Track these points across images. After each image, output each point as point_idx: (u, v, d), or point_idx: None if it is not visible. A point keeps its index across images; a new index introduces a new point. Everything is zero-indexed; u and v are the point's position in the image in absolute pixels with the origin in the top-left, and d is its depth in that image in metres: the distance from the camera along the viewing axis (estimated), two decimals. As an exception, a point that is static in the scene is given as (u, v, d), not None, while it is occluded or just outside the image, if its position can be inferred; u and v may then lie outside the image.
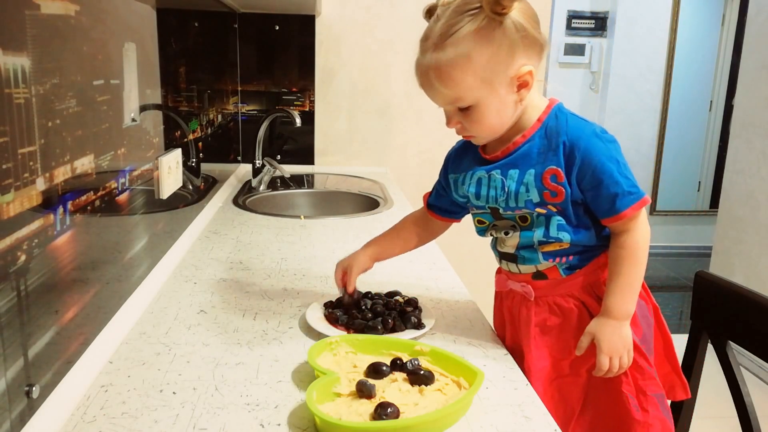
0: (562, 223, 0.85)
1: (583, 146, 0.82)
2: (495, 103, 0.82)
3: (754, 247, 2.83)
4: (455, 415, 0.72)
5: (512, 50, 0.80)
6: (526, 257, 0.89)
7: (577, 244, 0.86)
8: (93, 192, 0.86)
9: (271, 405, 0.74)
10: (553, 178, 0.83)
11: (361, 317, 0.95)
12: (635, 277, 0.85)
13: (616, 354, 0.83)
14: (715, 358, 1.02)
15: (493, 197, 0.88)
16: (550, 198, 0.84)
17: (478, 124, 0.84)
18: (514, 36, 0.79)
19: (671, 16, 4.38)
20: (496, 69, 0.80)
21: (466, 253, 1.74)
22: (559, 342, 0.90)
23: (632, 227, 0.85)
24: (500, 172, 0.87)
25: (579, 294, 0.89)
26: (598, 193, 0.83)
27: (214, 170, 1.84)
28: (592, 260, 0.89)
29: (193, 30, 1.60)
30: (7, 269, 0.62)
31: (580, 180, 0.83)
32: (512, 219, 0.89)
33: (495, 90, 0.81)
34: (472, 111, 0.83)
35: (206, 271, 1.23)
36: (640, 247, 0.85)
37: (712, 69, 4.56)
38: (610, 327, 0.84)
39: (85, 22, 0.82)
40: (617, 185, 0.82)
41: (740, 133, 2.98)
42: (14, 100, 0.62)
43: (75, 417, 0.71)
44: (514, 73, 0.81)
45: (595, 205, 0.85)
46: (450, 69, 0.79)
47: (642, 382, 0.87)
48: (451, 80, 0.80)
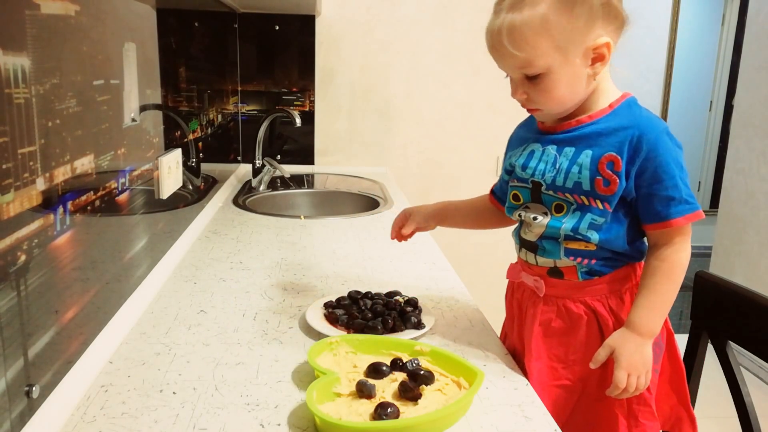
0: (596, 222, 0.81)
1: (653, 140, 0.78)
2: (567, 73, 0.78)
3: (754, 247, 2.83)
4: (455, 415, 0.72)
5: (592, 18, 0.76)
6: (547, 249, 0.85)
7: (604, 247, 0.82)
8: (93, 192, 0.86)
9: (271, 405, 0.74)
10: (609, 165, 0.79)
11: (361, 317, 0.95)
12: (669, 295, 0.80)
13: (635, 372, 0.79)
14: (715, 358, 1.02)
15: (540, 171, 0.83)
16: (602, 188, 0.79)
17: (546, 94, 0.79)
18: (595, 4, 0.75)
19: (671, 16, 4.39)
20: (573, 36, 0.76)
21: (466, 253, 1.74)
22: (560, 347, 0.86)
23: (677, 242, 0.80)
24: (555, 148, 0.83)
25: (591, 302, 0.85)
26: (655, 192, 0.78)
27: (214, 170, 1.84)
28: (614, 270, 0.84)
29: (193, 30, 1.60)
30: (7, 269, 0.62)
31: (640, 174, 0.78)
32: (549, 204, 0.84)
33: (569, 58, 0.77)
34: (541, 79, 0.78)
35: (206, 271, 1.23)
36: (680, 265, 0.80)
37: (712, 69, 4.57)
38: (633, 343, 0.79)
39: (85, 22, 0.82)
40: (676, 189, 0.78)
41: (740, 133, 2.98)
42: (14, 100, 0.62)
43: (75, 417, 0.71)
44: (591, 44, 0.77)
45: (647, 206, 0.80)
46: (525, 30, 0.75)
47: (636, 407, 0.84)
48: (525, 42, 0.75)
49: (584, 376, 0.86)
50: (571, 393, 0.87)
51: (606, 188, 0.79)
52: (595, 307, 0.85)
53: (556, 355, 0.86)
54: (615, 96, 0.83)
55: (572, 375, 0.86)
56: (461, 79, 2.36)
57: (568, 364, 0.86)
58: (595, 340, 0.85)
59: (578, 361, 0.86)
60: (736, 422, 0.98)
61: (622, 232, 0.82)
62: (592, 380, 0.86)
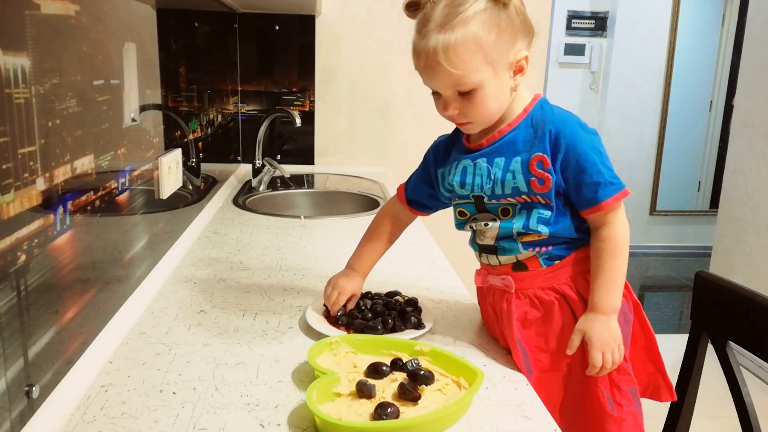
0: (543, 216, 0.85)
1: (569, 134, 0.83)
2: (496, 87, 0.83)
3: (754, 247, 2.83)
4: (455, 415, 0.72)
5: (514, 34, 0.81)
6: (506, 248, 0.89)
7: (555, 236, 0.87)
8: (93, 192, 0.86)
9: (271, 405, 0.74)
10: (539, 165, 0.84)
11: (361, 317, 0.95)
12: (619, 270, 0.85)
13: (608, 349, 0.83)
14: (715, 358, 1.02)
15: (478, 185, 0.88)
16: (538, 186, 0.84)
17: (478, 107, 0.84)
18: (515, 19, 0.81)
19: (671, 16, 4.38)
20: (501, 51, 0.81)
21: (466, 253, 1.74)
22: (539, 336, 0.89)
23: (612, 219, 0.85)
24: (486, 160, 0.87)
25: (559, 287, 0.89)
26: (581, 181, 0.84)
27: (214, 170, 1.84)
28: (572, 252, 0.89)
29: (193, 30, 1.60)
30: (7, 269, 0.62)
31: (564, 167, 0.84)
32: (494, 211, 0.89)
33: (497, 73, 0.82)
34: (473, 94, 0.82)
35: (206, 271, 1.23)
36: (621, 240, 0.85)
37: (712, 69, 4.56)
38: (599, 322, 0.84)
39: (85, 22, 0.83)
40: (600, 174, 0.83)
41: (740, 133, 2.98)
42: (14, 100, 0.62)
43: (75, 417, 0.71)
44: (513, 58, 0.82)
45: (577, 194, 0.85)
46: (460, 49, 0.79)
47: (616, 377, 0.87)
48: (460, 60, 0.79)
49: (569, 361, 0.88)
50: (558, 379, 0.89)
51: (541, 186, 0.84)
52: (564, 292, 0.89)
53: (537, 345, 0.89)
54: (528, 99, 0.89)
55: (556, 361, 0.89)
56: (461, 79, 2.36)
57: (550, 352, 0.89)
58: (569, 323, 0.88)
59: (558, 347, 0.89)
60: (736, 422, 0.98)
61: (567, 221, 0.87)
62: (575, 362, 0.88)
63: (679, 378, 1.07)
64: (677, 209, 4.72)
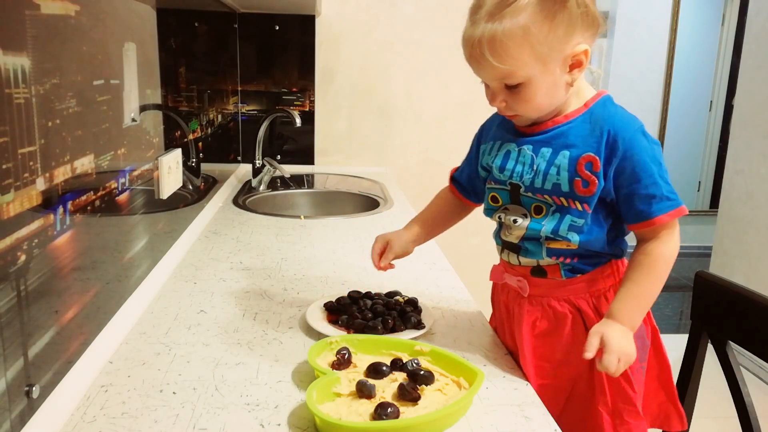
0: (575, 223, 0.81)
1: (629, 139, 0.78)
2: (547, 82, 0.77)
3: (754, 247, 2.83)
4: (455, 415, 0.72)
5: (572, 27, 0.75)
6: (530, 250, 0.85)
7: (585, 248, 0.82)
8: (93, 192, 0.86)
9: (271, 405, 0.74)
10: (588, 166, 0.78)
11: (361, 317, 0.95)
12: (650, 290, 0.79)
13: (624, 356, 0.77)
14: (715, 358, 1.02)
15: (518, 173, 0.83)
16: (581, 189, 0.79)
17: (526, 103, 0.79)
18: (575, 11, 0.75)
19: (671, 16, 4.38)
20: (554, 45, 0.75)
21: (466, 253, 1.74)
22: (546, 347, 0.86)
23: (663, 235, 0.79)
24: (532, 148, 0.82)
25: (576, 301, 0.85)
26: (634, 192, 0.78)
27: (214, 170, 1.84)
28: (597, 267, 0.84)
29: (193, 30, 1.60)
30: (7, 269, 0.62)
31: (618, 174, 0.78)
32: (528, 205, 0.84)
33: (549, 68, 0.76)
34: (521, 89, 0.78)
35: (206, 271, 1.23)
36: (665, 260, 0.79)
37: (712, 69, 4.56)
38: (618, 330, 0.78)
39: (85, 22, 0.82)
40: (656, 187, 0.78)
41: (740, 133, 2.98)
42: (14, 100, 0.62)
43: (75, 417, 0.71)
44: (570, 52, 0.77)
45: (628, 205, 0.79)
46: (506, 42, 0.74)
47: (621, 405, 0.83)
48: (506, 54, 0.74)
49: (573, 376, 0.86)
50: (558, 392, 0.86)
51: (585, 189, 0.79)
52: (579, 306, 0.85)
53: (542, 354, 0.86)
54: (590, 95, 0.83)
55: (560, 374, 0.86)
56: (461, 79, 2.36)
57: (555, 364, 0.86)
58: (580, 339, 0.83)
59: (565, 361, 0.85)
60: (736, 422, 0.98)
61: (602, 234, 0.82)
62: (580, 381, 0.86)
63: (679, 378, 1.07)
64: (677, 209, 4.71)
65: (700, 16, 4.46)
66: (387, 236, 1.00)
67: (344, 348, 0.81)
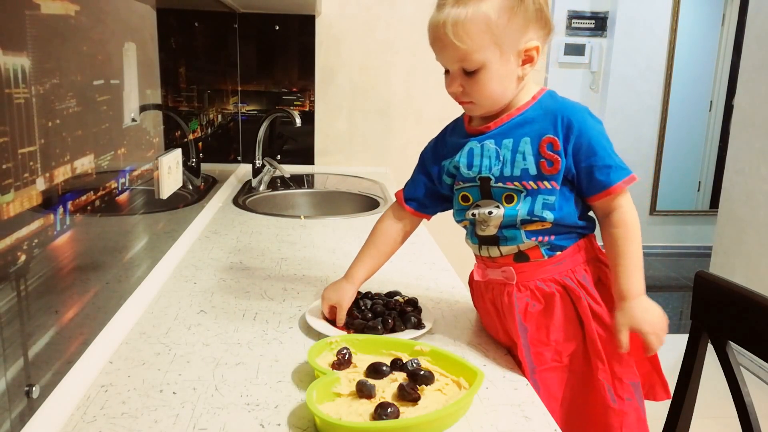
0: (548, 201, 0.86)
1: (580, 119, 0.85)
2: (501, 70, 0.84)
3: (755, 247, 2.83)
4: (455, 415, 0.72)
5: (527, 22, 0.83)
6: (509, 237, 0.89)
7: (559, 223, 0.87)
8: (93, 192, 0.86)
9: (271, 405, 0.74)
10: (549, 147, 0.85)
11: (361, 317, 0.95)
12: (638, 254, 0.86)
13: (659, 328, 0.83)
14: (715, 358, 1.02)
15: (487, 166, 0.88)
16: (547, 168, 0.85)
17: (481, 88, 0.85)
18: (531, 8, 0.83)
19: (671, 16, 4.38)
20: (511, 35, 0.82)
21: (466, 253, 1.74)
22: (540, 330, 0.88)
23: (623, 203, 0.86)
24: (494, 142, 0.88)
25: (560, 278, 0.88)
26: (593, 164, 0.85)
27: (214, 170, 1.84)
28: (573, 242, 0.89)
29: (193, 30, 1.60)
30: (7, 269, 0.62)
31: (577, 151, 0.85)
32: (499, 196, 0.88)
33: (504, 56, 0.83)
34: (477, 74, 0.84)
35: (206, 271, 1.23)
36: (634, 224, 0.86)
37: (712, 69, 4.56)
38: (638, 309, 0.83)
39: (85, 22, 0.83)
40: (611, 158, 0.85)
41: (740, 133, 2.98)
42: (14, 100, 0.62)
43: (75, 417, 0.71)
44: (523, 46, 0.84)
45: (588, 178, 0.86)
46: (468, 24, 0.81)
47: (619, 369, 0.87)
48: (467, 35, 0.81)
49: (568, 352, 0.88)
50: (560, 372, 0.89)
51: (550, 168, 0.85)
52: (564, 283, 0.88)
53: (538, 339, 0.88)
54: (535, 90, 0.90)
55: (557, 355, 0.89)
56: (461, 79, 2.36)
57: (552, 345, 0.88)
58: (571, 315, 0.88)
59: (560, 339, 0.88)
60: (736, 422, 0.98)
61: (572, 207, 0.88)
62: (577, 357, 0.88)
63: (679, 378, 1.07)
64: (677, 209, 4.72)
65: (700, 16, 4.46)
66: (332, 298, 0.98)
67: (344, 348, 0.81)
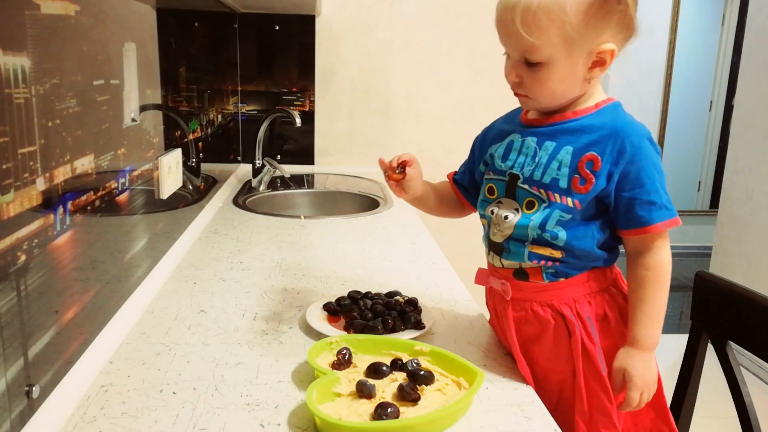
0: (563, 218, 0.80)
1: (637, 143, 0.78)
2: (566, 69, 0.77)
3: (755, 247, 2.83)
4: (455, 415, 0.72)
5: (606, 22, 0.75)
6: (512, 251, 0.84)
7: (570, 249, 0.81)
8: (93, 192, 0.86)
9: (271, 405, 0.74)
10: (589, 165, 0.78)
11: (361, 317, 0.95)
12: (662, 303, 0.80)
13: (647, 390, 0.79)
14: (715, 358, 1.02)
15: (519, 163, 0.82)
16: (578, 186, 0.78)
17: (540, 83, 0.78)
18: (614, 8, 0.75)
19: (671, 16, 4.38)
20: (584, 34, 0.75)
21: (466, 253, 1.74)
22: (531, 351, 0.85)
23: (658, 246, 0.80)
24: (536, 141, 0.82)
25: (558, 306, 0.83)
26: (636, 197, 0.78)
27: (214, 170, 1.84)
28: (583, 272, 0.83)
29: (193, 30, 1.60)
30: (7, 269, 0.62)
31: (623, 178, 0.78)
32: (521, 199, 0.83)
33: (572, 55, 0.76)
34: (540, 68, 0.77)
35: (206, 271, 1.23)
36: (666, 271, 0.80)
37: (712, 69, 4.56)
38: (641, 361, 0.78)
39: (85, 22, 0.82)
40: (657, 195, 0.78)
41: (740, 133, 2.98)
42: (14, 100, 0.62)
43: (75, 417, 0.71)
44: (597, 47, 0.76)
45: (627, 210, 0.79)
46: (540, 14, 0.73)
47: (597, 417, 0.81)
48: (536, 26, 0.74)
49: (558, 380, 0.85)
50: (549, 395, 0.85)
51: (581, 187, 0.79)
52: (561, 311, 0.83)
53: (530, 358, 0.85)
54: (602, 98, 0.84)
55: (547, 379, 0.85)
56: (461, 79, 2.36)
57: (541, 369, 0.85)
58: (564, 345, 0.83)
59: (550, 368, 0.85)
60: (736, 422, 0.98)
61: (589, 232, 0.81)
62: (566, 386, 0.84)
63: (679, 378, 1.07)
64: (677, 209, 4.70)
65: (700, 16, 4.46)
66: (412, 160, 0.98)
67: (344, 348, 0.81)
